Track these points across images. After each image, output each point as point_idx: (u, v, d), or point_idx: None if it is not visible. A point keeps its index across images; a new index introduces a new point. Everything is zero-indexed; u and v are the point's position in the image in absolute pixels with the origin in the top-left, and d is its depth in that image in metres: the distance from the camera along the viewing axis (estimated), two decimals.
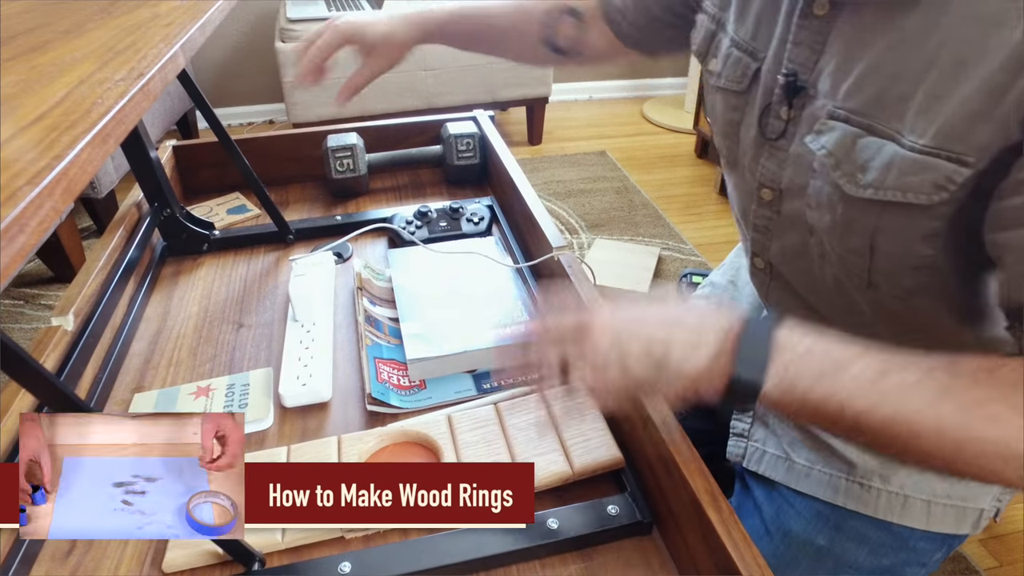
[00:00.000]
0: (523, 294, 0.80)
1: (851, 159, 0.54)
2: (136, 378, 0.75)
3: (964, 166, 0.48)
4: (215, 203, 1.12)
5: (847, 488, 0.70)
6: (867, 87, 0.53)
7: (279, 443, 0.67)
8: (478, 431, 0.63)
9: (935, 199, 0.50)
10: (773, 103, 0.62)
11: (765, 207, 0.67)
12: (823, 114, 0.57)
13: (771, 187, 0.65)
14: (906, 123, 0.51)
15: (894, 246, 0.55)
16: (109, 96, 0.47)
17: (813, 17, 0.57)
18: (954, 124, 0.48)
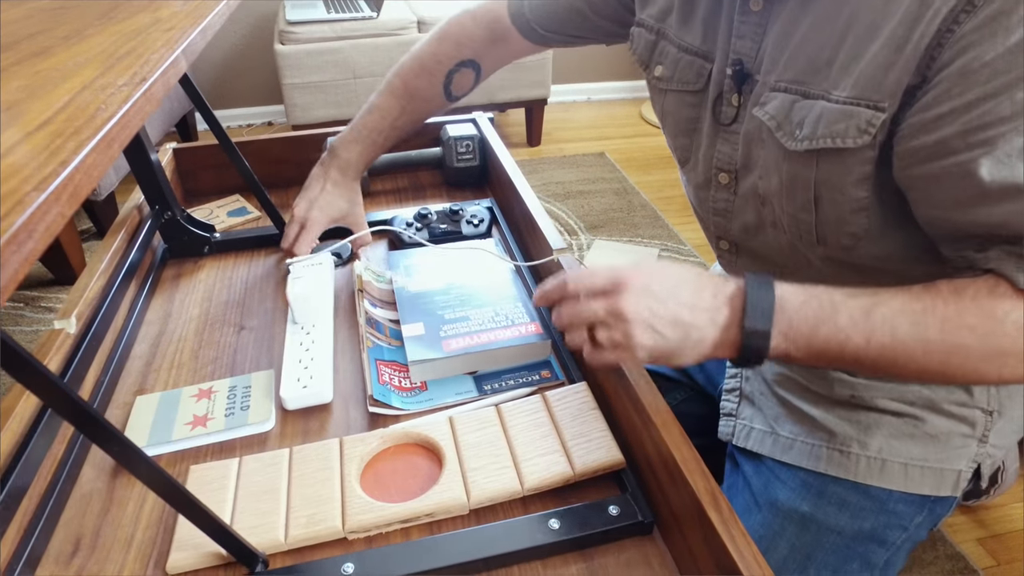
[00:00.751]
0: (523, 296, 0.80)
1: (789, 120, 0.63)
2: (138, 381, 0.75)
3: (880, 111, 0.56)
4: (215, 205, 1.12)
5: (828, 456, 0.76)
6: (799, 60, 0.62)
7: (281, 445, 0.67)
8: (480, 432, 0.63)
9: (859, 142, 0.58)
10: (724, 92, 0.70)
11: (722, 190, 0.75)
12: (766, 88, 0.66)
13: (727, 170, 0.73)
14: (831, 83, 0.60)
15: (833, 193, 0.62)
16: (113, 101, 0.47)
17: (751, 12, 0.66)
18: (868, 77, 0.57)
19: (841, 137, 0.59)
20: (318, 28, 2.34)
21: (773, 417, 0.81)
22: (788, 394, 0.80)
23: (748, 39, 0.67)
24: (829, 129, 0.59)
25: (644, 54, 0.80)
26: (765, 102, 0.65)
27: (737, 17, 0.67)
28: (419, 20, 2.47)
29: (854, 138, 0.58)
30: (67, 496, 0.61)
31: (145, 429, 0.67)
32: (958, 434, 0.74)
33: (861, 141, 0.58)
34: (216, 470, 0.61)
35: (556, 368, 0.74)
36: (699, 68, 0.73)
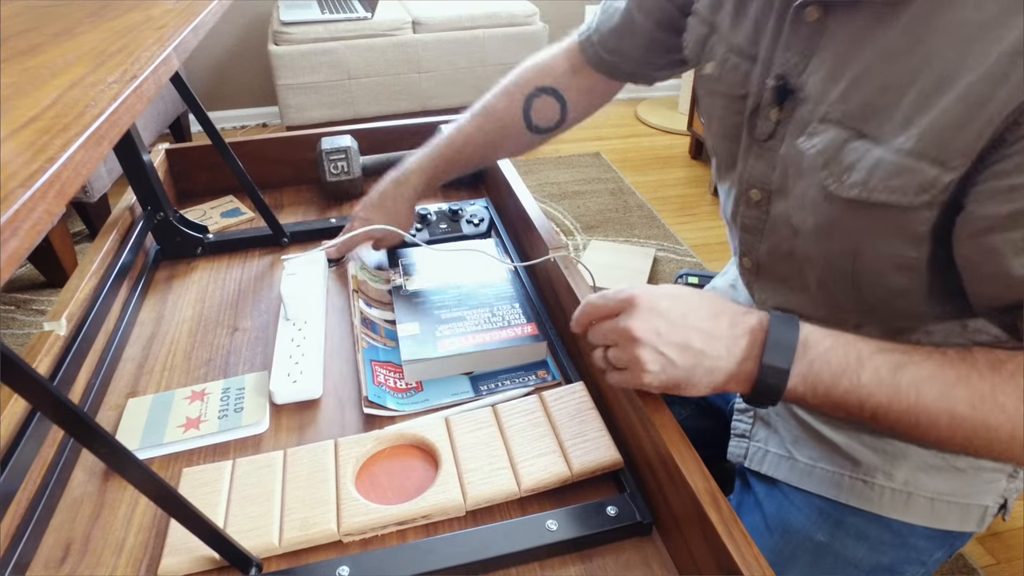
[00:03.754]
0: (521, 296, 0.80)
1: (839, 160, 0.56)
2: (130, 383, 0.75)
3: (947, 170, 0.50)
4: (208, 207, 1.12)
5: (850, 485, 0.70)
6: (856, 95, 0.55)
7: (275, 447, 0.66)
8: (476, 433, 0.62)
9: (917, 201, 0.52)
10: (763, 104, 0.64)
11: (754, 208, 0.69)
12: (815, 117, 0.58)
13: (760, 188, 0.67)
14: (893, 130, 0.53)
15: (877, 247, 0.57)
16: (102, 98, 0.47)
17: (804, 24, 0.59)
18: (937, 132, 0.50)
19: (899, 192, 0.52)
20: (312, 29, 2.34)
21: (791, 440, 0.75)
22: (809, 416, 0.74)
23: (796, 52, 0.60)
24: (886, 183, 0.53)
25: (695, 48, 0.73)
26: (813, 133, 0.58)
27: (788, 26, 0.60)
28: (414, 21, 2.47)
29: (913, 196, 0.52)
30: (57, 500, 0.61)
31: (137, 432, 0.66)
32: (988, 468, 0.69)
33: (919, 200, 0.52)
34: (209, 473, 0.60)
35: (553, 369, 0.73)
36: (745, 72, 0.66)
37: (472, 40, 2.50)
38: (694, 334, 0.53)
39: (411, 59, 2.45)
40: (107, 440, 0.42)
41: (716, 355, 0.53)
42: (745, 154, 0.67)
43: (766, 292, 0.74)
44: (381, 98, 2.46)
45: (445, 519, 0.57)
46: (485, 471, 0.59)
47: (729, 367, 0.53)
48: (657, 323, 0.53)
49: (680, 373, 0.53)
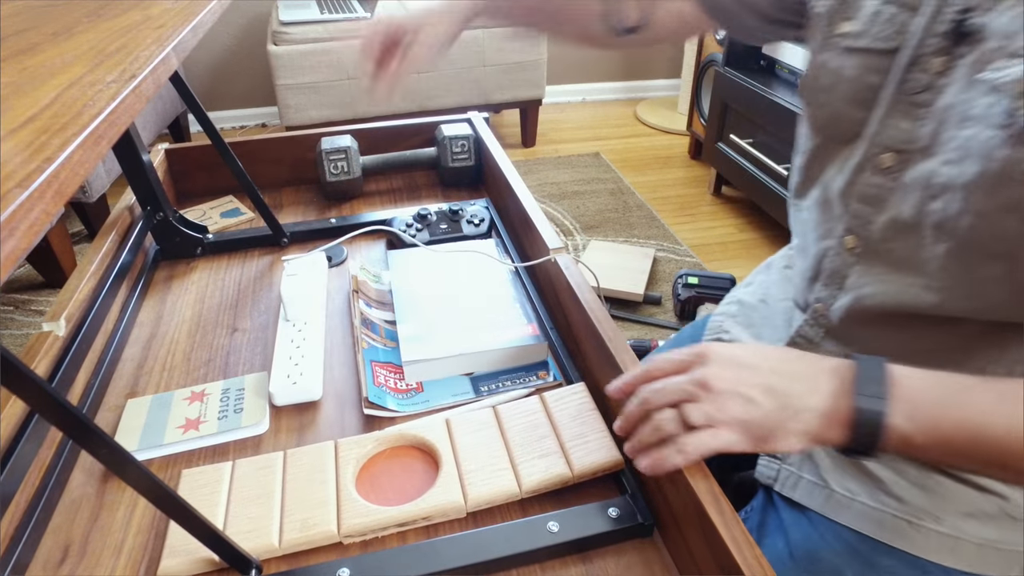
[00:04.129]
0: (521, 297, 0.79)
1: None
2: (129, 383, 0.74)
3: None
4: (208, 207, 1.11)
5: (894, 524, 0.64)
6: None
7: (275, 448, 0.66)
8: (477, 434, 0.62)
9: None
10: (926, 54, 0.57)
11: (880, 174, 0.62)
12: (1002, 55, 0.51)
13: (898, 149, 0.60)
14: None
15: None
16: (101, 98, 0.46)
17: None
18: None
19: None
20: (311, 29, 2.33)
21: (828, 468, 0.68)
22: None
23: None
24: None
25: (835, 4, 0.65)
26: (1002, 67, 0.51)
27: None
28: None
29: None
30: (56, 502, 0.60)
31: (136, 432, 0.66)
32: None
33: None
34: (208, 474, 0.60)
35: (554, 369, 0.73)
36: (902, 22, 0.59)
37: (471, 40, 2.49)
38: (775, 377, 0.50)
39: None
40: (105, 441, 0.42)
41: (801, 393, 0.50)
42: (887, 115, 0.60)
43: (868, 277, 0.65)
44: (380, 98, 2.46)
45: (446, 520, 0.57)
46: (486, 472, 0.59)
47: (819, 406, 0.50)
48: (736, 369, 0.50)
49: (769, 416, 0.49)
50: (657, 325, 1.72)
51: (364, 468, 0.61)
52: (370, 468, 0.61)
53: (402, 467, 0.61)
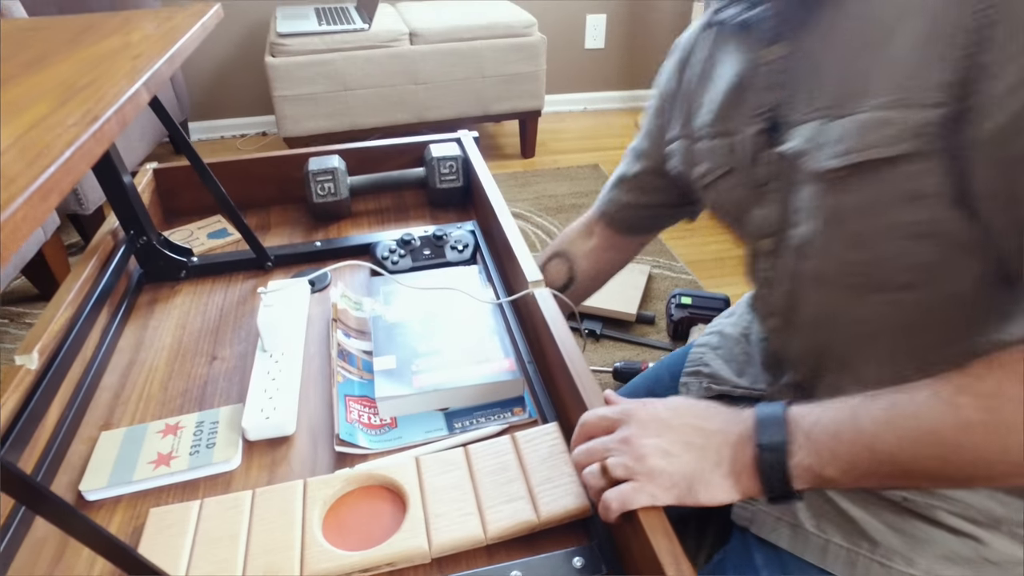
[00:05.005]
0: (500, 328, 0.79)
1: (818, 144, 0.58)
2: (105, 414, 0.74)
3: (924, 107, 0.51)
4: (196, 226, 1.11)
5: (866, 566, 0.65)
6: (829, 89, 0.58)
7: (245, 484, 0.65)
8: (446, 476, 0.62)
9: (899, 150, 0.52)
10: (756, 153, 0.67)
11: (765, 259, 0.71)
12: (792, 128, 0.62)
13: (769, 233, 0.69)
14: (864, 97, 0.55)
15: (882, 218, 0.56)
16: (57, 143, 0.46)
17: (773, 62, 0.63)
18: (900, 77, 0.52)
19: (881, 146, 0.53)
20: (309, 40, 2.33)
21: (802, 508, 0.70)
22: None
23: (775, 89, 0.63)
24: (865, 139, 0.54)
25: (686, 164, 0.79)
26: (791, 138, 0.61)
27: (763, 69, 0.64)
28: (411, 32, 2.46)
29: (891, 145, 0.52)
30: (21, 540, 0.60)
31: (107, 468, 0.66)
32: (1022, 561, 0.63)
33: (903, 148, 0.52)
34: (176, 513, 0.60)
35: (530, 405, 0.72)
36: (728, 145, 0.70)
37: (469, 51, 2.49)
38: (692, 432, 0.55)
39: (408, 70, 2.44)
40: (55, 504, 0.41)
41: (716, 446, 0.54)
42: (752, 210, 0.70)
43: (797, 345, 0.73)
44: (378, 109, 2.45)
45: (410, 566, 0.57)
46: (452, 516, 0.58)
47: (731, 456, 0.54)
48: (657, 426, 0.55)
49: (689, 468, 0.53)
50: (649, 345, 1.71)
51: (332, 509, 0.61)
52: (338, 509, 0.61)
53: (369, 508, 0.61)
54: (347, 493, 0.62)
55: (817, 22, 0.59)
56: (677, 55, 0.81)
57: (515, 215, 2.35)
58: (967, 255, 0.55)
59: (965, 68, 0.48)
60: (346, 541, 0.57)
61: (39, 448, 0.66)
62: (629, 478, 0.53)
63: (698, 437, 0.55)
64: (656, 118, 0.86)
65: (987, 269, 0.55)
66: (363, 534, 0.58)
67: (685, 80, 0.78)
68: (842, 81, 0.57)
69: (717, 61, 0.72)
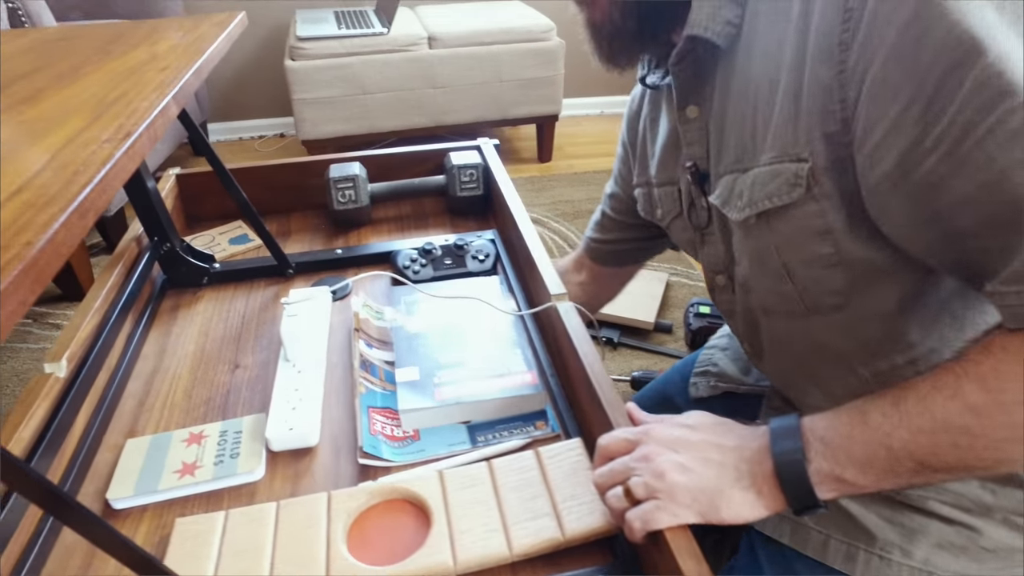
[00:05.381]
0: (522, 340, 0.79)
1: (732, 195, 0.65)
2: (130, 422, 0.75)
3: (802, 162, 0.57)
4: (217, 232, 1.12)
5: (866, 559, 0.68)
6: (732, 145, 0.65)
7: (269, 496, 0.66)
8: (470, 490, 0.62)
9: (794, 196, 0.58)
10: (694, 200, 0.73)
11: (723, 292, 0.77)
12: (715, 181, 0.68)
13: (719, 271, 0.75)
14: (759, 153, 0.61)
15: (797, 254, 0.62)
16: (93, 161, 0.46)
17: (690, 120, 0.69)
18: (781, 133, 0.58)
19: (776, 196, 0.60)
20: (328, 44, 2.34)
21: None
22: None
23: (696, 144, 0.70)
24: (763, 191, 0.61)
25: (648, 208, 0.85)
26: (714, 189, 0.68)
27: (681, 128, 0.70)
28: (430, 36, 2.47)
29: (787, 193, 0.58)
30: (50, 548, 0.60)
31: (133, 476, 0.66)
32: (1020, 548, 0.66)
33: (796, 195, 0.58)
34: (201, 524, 0.60)
35: (552, 419, 0.72)
36: (672, 192, 0.78)
37: (488, 55, 2.49)
38: (710, 449, 0.55)
39: (426, 74, 2.45)
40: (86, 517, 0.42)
41: (734, 463, 0.55)
42: (701, 250, 0.77)
43: (770, 368, 0.78)
44: (396, 113, 2.46)
45: None
46: (477, 532, 0.58)
47: (750, 471, 0.54)
48: (675, 444, 0.55)
49: (709, 483, 0.53)
50: (667, 355, 1.70)
51: (356, 522, 0.61)
52: (362, 523, 0.61)
53: (393, 522, 0.61)
54: (371, 506, 0.62)
55: (716, 88, 0.65)
56: (630, 108, 0.88)
57: (532, 220, 2.35)
58: (880, 277, 0.60)
59: (833, 121, 0.53)
60: (370, 555, 0.58)
61: (67, 456, 0.66)
62: (650, 497, 0.53)
63: (716, 453, 0.55)
64: (622, 164, 0.92)
65: (908, 287, 0.60)
66: (387, 548, 0.58)
67: (639, 131, 0.85)
68: (741, 139, 0.63)
69: (658, 115, 0.79)
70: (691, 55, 0.65)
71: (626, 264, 1.03)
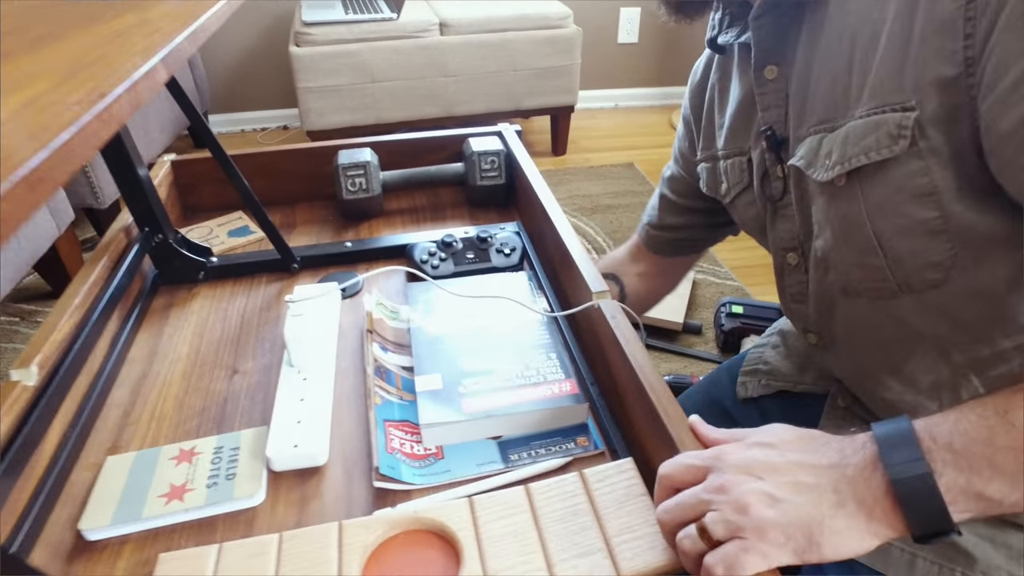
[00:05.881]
0: (558, 344, 0.69)
1: (818, 155, 0.59)
2: (113, 435, 0.66)
3: (907, 111, 0.51)
4: (216, 223, 1.03)
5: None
6: (819, 104, 0.60)
7: (271, 525, 0.57)
8: (505, 520, 0.52)
9: (896, 150, 0.52)
10: (768, 169, 0.68)
11: (794, 272, 0.71)
12: (796, 143, 0.63)
13: (792, 248, 0.69)
14: (852, 107, 0.56)
15: (893, 220, 0.55)
16: (54, 124, 0.37)
17: (768, 82, 0.64)
18: (884, 80, 0.53)
19: (874, 150, 0.54)
20: (335, 30, 2.25)
21: None
22: None
23: (773, 108, 0.65)
24: (858, 145, 0.55)
25: (713, 183, 0.79)
26: (795, 153, 0.63)
27: (757, 91, 0.66)
28: (441, 22, 2.37)
29: (888, 147, 0.53)
30: None
31: (113, 501, 0.57)
32: None
33: (898, 148, 0.52)
34: (189, 560, 0.51)
35: (595, 435, 0.63)
36: (741, 164, 0.73)
37: (502, 43, 2.40)
38: (799, 471, 0.46)
39: (437, 62, 2.36)
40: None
41: (831, 484, 0.45)
42: (773, 225, 0.71)
43: (843, 360, 0.71)
44: (406, 103, 2.36)
45: None
46: (516, 572, 0.49)
47: (857, 492, 0.45)
48: (756, 469, 0.46)
49: (805, 513, 0.44)
50: (698, 357, 1.60)
51: (372, 558, 0.52)
52: (379, 559, 0.52)
53: (416, 559, 0.52)
54: (390, 539, 0.53)
55: (800, 44, 0.61)
56: (693, 81, 0.84)
57: None
58: (990, 248, 0.53)
59: (953, 63, 0.48)
60: None
61: (35, 477, 0.57)
62: (733, 536, 0.44)
63: (809, 475, 0.45)
64: (683, 142, 0.88)
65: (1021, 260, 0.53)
66: None
67: (705, 102, 0.80)
68: (831, 96, 0.58)
69: (728, 82, 0.74)
70: (775, 8, 0.60)
71: (686, 253, 0.98)
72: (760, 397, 0.85)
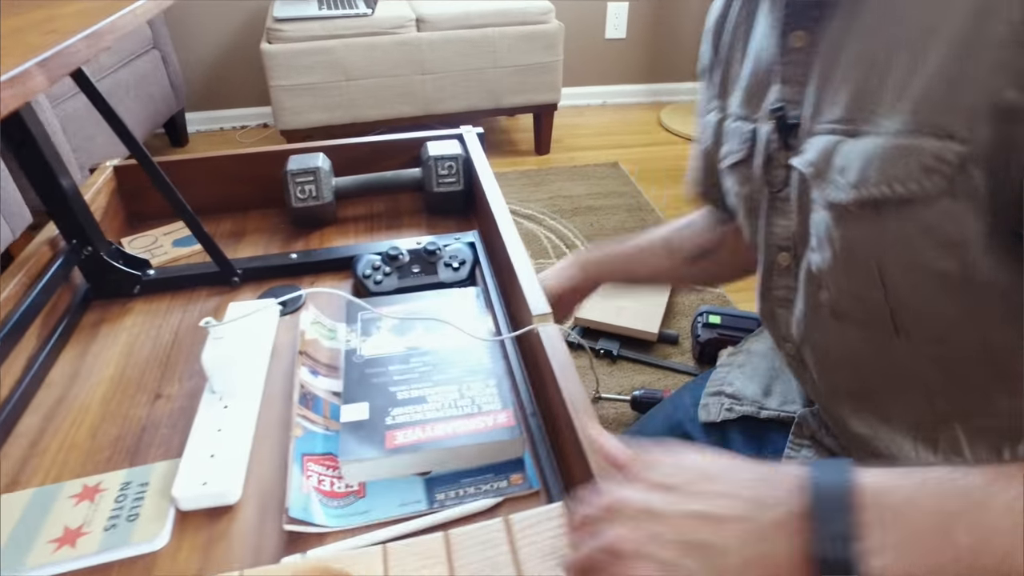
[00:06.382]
0: (499, 370, 0.65)
1: (831, 165, 0.51)
2: (15, 468, 0.61)
3: (953, 140, 0.42)
4: (162, 232, 0.98)
5: None
6: (843, 92, 0.50)
7: (171, 572, 0.52)
8: (420, 573, 0.48)
9: (928, 186, 0.44)
10: (773, 152, 0.59)
11: (783, 275, 0.63)
12: (807, 136, 0.54)
13: (785, 247, 0.61)
14: (884, 112, 0.47)
15: (906, 261, 0.48)
16: None
17: (793, 51, 0.55)
18: (930, 94, 0.43)
19: (900, 182, 0.45)
20: (308, 26, 2.19)
21: None
22: None
23: (792, 84, 0.55)
24: (884, 172, 0.46)
25: (715, 140, 0.70)
26: (804, 149, 0.53)
27: (780, 58, 0.56)
28: (418, 18, 2.32)
29: (918, 181, 0.44)
30: None
31: None
32: None
33: (929, 185, 0.44)
34: None
35: (531, 472, 0.58)
36: (744, 132, 0.63)
37: (481, 39, 2.34)
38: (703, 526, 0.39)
39: (415, 59, 2.30)
40: None
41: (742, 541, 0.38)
42: (768, 216, 0.62)
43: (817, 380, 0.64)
44: (382, 101, 2.31)
45: None
46: None
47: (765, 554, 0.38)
48: (649, 524, 0.40)
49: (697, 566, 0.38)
50: (673, 369, 1.55)
51: None
52: None
53: None
54: None
55: (840, 9, 0.51)
56: (710, 24, 0.73)
57: (527, 217, 2.21)
58: (1008, 308, 0.46)
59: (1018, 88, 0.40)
60: None
61: None
62: None
63: (712, 532, 0.39)
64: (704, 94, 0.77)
65: None
66: None
67: (720, 47, 0.70)
68: (861, 87, 0.49)
69: (751, 25, 0.64)
70: None
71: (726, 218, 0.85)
72: (724, 422, 0.80)
